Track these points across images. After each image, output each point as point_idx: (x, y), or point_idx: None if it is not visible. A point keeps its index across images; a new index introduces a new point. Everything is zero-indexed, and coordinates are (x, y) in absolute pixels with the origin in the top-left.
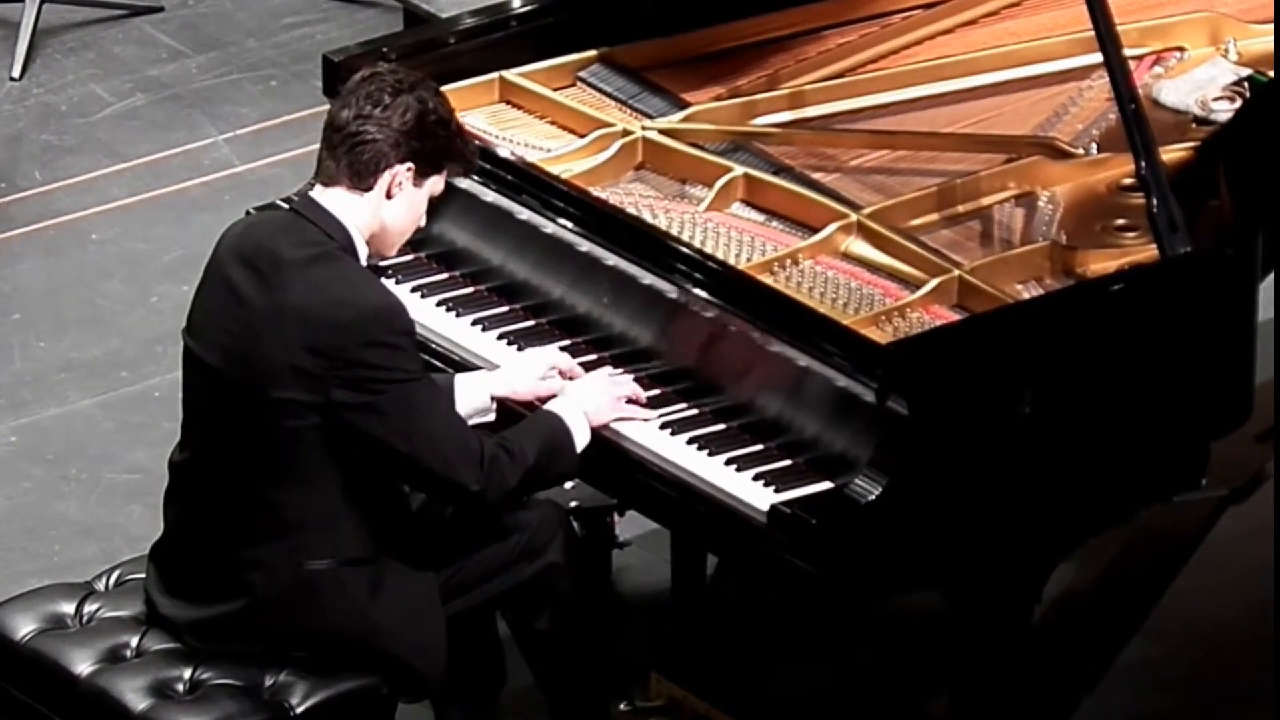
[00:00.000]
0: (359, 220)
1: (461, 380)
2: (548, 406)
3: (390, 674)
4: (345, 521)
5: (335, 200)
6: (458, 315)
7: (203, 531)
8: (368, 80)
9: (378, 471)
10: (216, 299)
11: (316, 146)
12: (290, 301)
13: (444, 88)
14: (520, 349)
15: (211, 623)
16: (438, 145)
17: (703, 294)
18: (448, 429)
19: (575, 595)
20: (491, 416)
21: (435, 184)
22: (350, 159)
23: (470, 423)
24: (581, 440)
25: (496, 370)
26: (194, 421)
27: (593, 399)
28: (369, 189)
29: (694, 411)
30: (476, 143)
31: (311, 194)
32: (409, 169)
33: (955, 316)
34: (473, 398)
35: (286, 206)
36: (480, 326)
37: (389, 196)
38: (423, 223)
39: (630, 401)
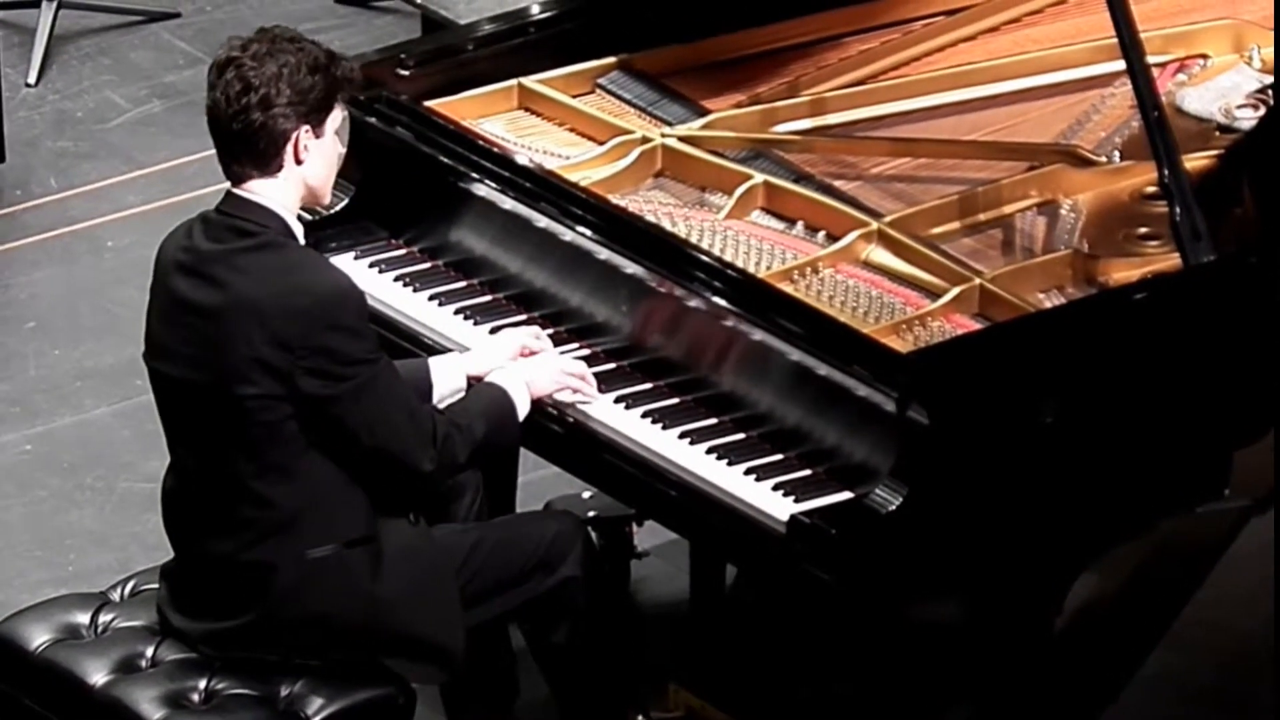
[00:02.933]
0: (285, 199)
1: (436, 363)
2: (490, 378)
3: (408, 654)
4: (338, 504)
5: (255, 191)
6: (475, 324)
7: (205, 546)
8: (225, 69)
9: (349, 451)
10: (170, 315)
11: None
12: (244, 296)
13: (461, 95)
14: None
15: (229, 634)
16: (319, 93)
17: (722, 302)
18: (406, 411)
19: (593, 608)
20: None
21: (335, 119)
22: (248, 152)
23: (445, 403)
24: (523, 410)
25: (470, 351)
26: (176, 441)
27: (536, 369)
28: (279, 168)
29: (713, 421)
30: (353, 61)
31: (232, 192)
32: (306, 129)
33: (977, 325)
34: (449, 380)
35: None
36: None
37: (299, 162)
38: (342, 150)
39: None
